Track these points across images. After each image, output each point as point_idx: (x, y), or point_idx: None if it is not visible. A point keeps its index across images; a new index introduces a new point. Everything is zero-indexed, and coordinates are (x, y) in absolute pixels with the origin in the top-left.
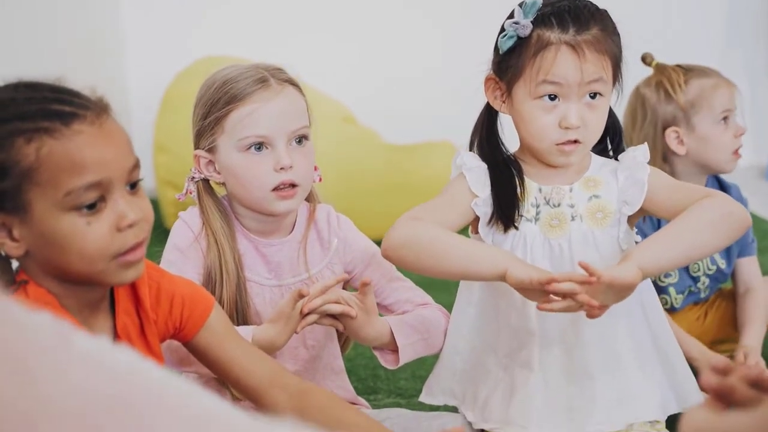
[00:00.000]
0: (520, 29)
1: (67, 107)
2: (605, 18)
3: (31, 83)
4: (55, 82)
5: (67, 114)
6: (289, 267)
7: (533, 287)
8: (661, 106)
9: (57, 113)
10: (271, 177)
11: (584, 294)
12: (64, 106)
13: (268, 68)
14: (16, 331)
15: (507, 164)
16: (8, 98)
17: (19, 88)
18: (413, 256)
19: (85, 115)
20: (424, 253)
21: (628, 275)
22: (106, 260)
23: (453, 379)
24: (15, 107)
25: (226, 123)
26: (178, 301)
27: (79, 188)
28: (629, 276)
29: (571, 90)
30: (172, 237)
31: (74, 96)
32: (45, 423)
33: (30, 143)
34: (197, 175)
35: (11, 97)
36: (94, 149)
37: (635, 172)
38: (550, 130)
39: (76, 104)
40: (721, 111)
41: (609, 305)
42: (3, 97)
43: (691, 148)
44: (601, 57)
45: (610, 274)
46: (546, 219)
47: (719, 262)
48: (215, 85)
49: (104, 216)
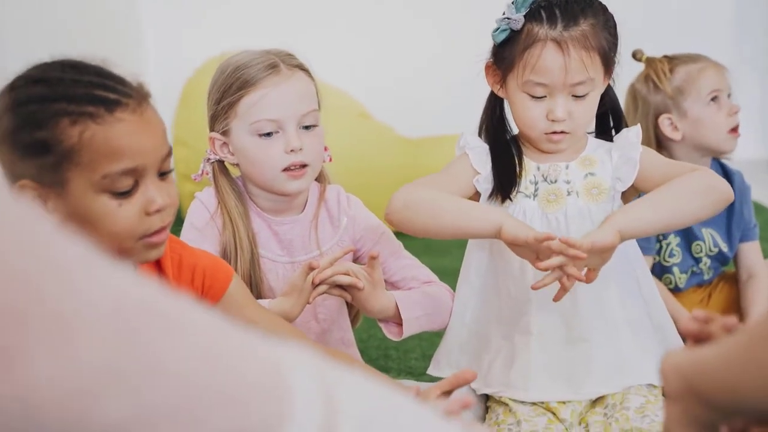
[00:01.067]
0: (513, 23)
1: (111, 94)
2: (597, 11)
3: (77, 64)
4: (100, 65)
5: (111, 101)
6: (300, 244)
7: (528, 245)
8: (651, 96)
9: (102, 99)
10: (282, 158)
11: (573, 267)
12: (109, 92)
13: (279, 54)
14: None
15: (508, 144)
16: (56, 77)
17: (66, 68)
18: (413, 216)
19: (127, 103)
20: (422, 212)
21: (606, 238)
22: (132, 240)
23: (459, 351)
24: (62, 88)
25: (239, 107)
26: (199, 272)
27: (115, 173)
28: (608, 239)
29: (556, 87)
30: (189, 216)
31: (118, 82)
32: (83, 327)
33: (74, 125)
34: (212, 156)
35: (59, 76)
36: (132, 137)
37: (628, 152)
38: (539, 120)
39: (119, 91)
40: (708, 92)
41: (598, 268)
42: (51, 75)
43: (686, 133)
44: (587, 53)
45: (589, 240)
46: (543, 194)
47: (721, 245)
48: (228, 71)
49: (135, 200)
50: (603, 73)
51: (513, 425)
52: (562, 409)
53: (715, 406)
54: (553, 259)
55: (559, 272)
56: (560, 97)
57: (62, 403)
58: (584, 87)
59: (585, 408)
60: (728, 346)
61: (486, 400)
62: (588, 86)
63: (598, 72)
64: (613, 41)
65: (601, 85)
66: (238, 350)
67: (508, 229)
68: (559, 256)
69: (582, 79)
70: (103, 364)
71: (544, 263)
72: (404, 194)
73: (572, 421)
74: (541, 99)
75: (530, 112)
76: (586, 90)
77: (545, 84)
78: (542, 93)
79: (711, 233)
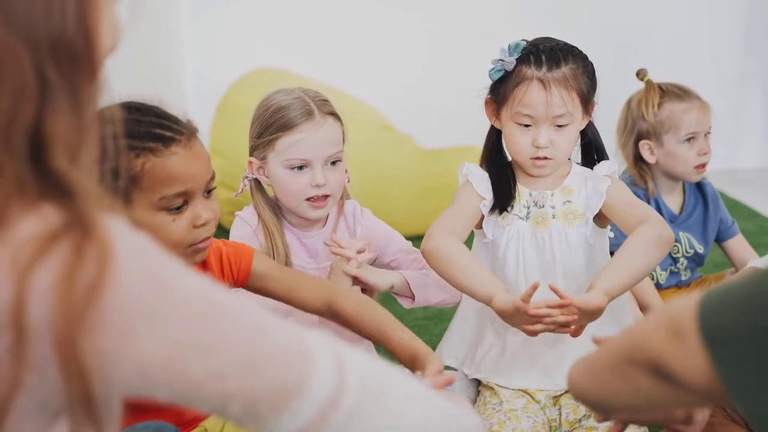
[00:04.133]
0: (506, 65)
1: (167, 132)
2: (578, 58)
3: (140, 106)
4: (157, 105)
5: (167, 138)
6: (324, 253)
7: (517, 310)
8: (639, 120)
9: (160, 137)
10: (307, 190)
11: (561, 315)
12: (165, 131)
13: (315, 99)
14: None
15: (505, 168)
16: (123, 118)
17: (131, 110)
18: (436, 263)
19: (180, 139)
20: (443, 263)
21: (595, 300)
22: (182, 248)
23: (459, 346)
24: (129, 126)
25: (276, 145)
26: (225, 258)
27: (170, 195)
28: (597, 301)
29: (539, 119)
30: (234, 231)
31: (173, 122)
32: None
33: (138, 158)
34: (250, 175)
35: (125, 117)
36: (184, 167)
37: (597, 183)
38: (526, 147)
39: (173, 129)
40: (686, 133)
41: (585, 325)
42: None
43: (660, 160)
44: (567, 92)
45: (581, 300)
46: (534, 217)
47: (696, 247)
48: (270, 110)
49: (185, 216)
50: (582, 111)
51: (496, 405)
52: (538, 393)
53: (589, 407)
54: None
55: (552, 326)
56: (543, 127)
57: (161, 366)
58: (564, 119)
59: (560, 394)
60: (586, 362)
61: (478, 385)
62: (567, 118)
63: (576, 108)
64: (591, 85)
65: (580, 120)
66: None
67: (496, 301)
68: (545, 308)
69: (562, 112)
70: (185, 339)
71: (532, 327)
72: (434, 243)
73: (546, 403)
74: (528, 128)
75: (518, 138)
76: (566, 121)
77: (531, 115)
78: (528, 122)
79: (687, 236)
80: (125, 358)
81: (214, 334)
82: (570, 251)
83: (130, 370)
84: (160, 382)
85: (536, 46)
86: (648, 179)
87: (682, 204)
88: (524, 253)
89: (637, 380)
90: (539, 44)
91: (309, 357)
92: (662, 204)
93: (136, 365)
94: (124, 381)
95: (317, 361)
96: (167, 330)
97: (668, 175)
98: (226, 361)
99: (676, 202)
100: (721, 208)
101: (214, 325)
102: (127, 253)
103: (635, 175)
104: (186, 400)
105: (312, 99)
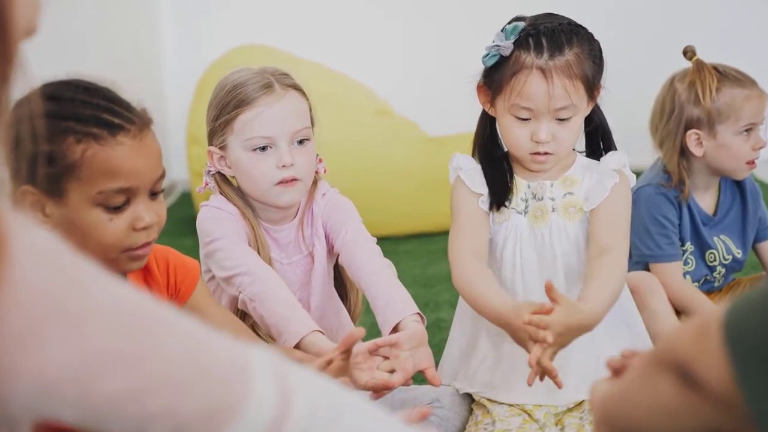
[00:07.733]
0: (502, 50)
1: (116, 119)
2: (583, 40)
3: (89, 86)
4: (109, 88)
5: (115, 125)
6: (294, 247)
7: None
8: (689, 106)
9: (106, 123)
10: (275, 173)
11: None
12: (114, 117)
13: (274, 73)
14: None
15: (500, 159)
16: (68, 97)
17: (79, 89)
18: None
19: (129, 129)
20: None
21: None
22: (117, 252)
23: (454, 358)
24: (73, 108)
25: (235, 124)
26: (172, 267)
27: (110, 190)
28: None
29: (540, 112)
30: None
31: (124, 108)
32: (92, 322)
33: (79, 144)
34: (212, 169)
35: (71, 97)
36: (130, 160)
37: (603, 177)
38: (524, 141)
39: (123, 117)
40: (745, 123)
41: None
42: (64, 94)
43: (708, 152)
44: (571, 81)
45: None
46: (532, 211)
47: (735, 252)
48: (225, 89)
49: (124, 216)
50: (587, 99)
51: (488, 425)
52: (536, 410)
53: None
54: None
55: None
56: (544, 120)
57: (71, 379)
58: (567, 111)
59: (562, 411)
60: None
61: (470, 402)
62: (571, 111)
63: (581, 98)
64: (597, 69)
65: (584, 110)
66: (212, 340)
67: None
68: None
69: (565, 105)
70: (105, 348)
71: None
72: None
73: (546, 422)
74: (527, 121)
75: (516, 132)
76: (569, 114)
77: (530, 108)
78: (527, 116)
79: (724, 240)
80: (24, 369)
81: (138, 343)
82: (572, 249)
83: (29, 384)
84: (67, 398)
85: (536, 27)
86: (685, 178)
87: (717, 203)
88: (522, 253)
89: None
90: (539, 25)
91: (248, 375)
92: (695, 207)
93: (38, 378)
94: (21, 399)
95: (256, 380)
96: (82, 336)
97: (713, 170)
98: (151, 375)
99: (710, 202)
100: (761, 205)
101: (138, 333)
102: (33, 248)
103: (674, 172)
104: (97, 423)
105: (272, 74)
